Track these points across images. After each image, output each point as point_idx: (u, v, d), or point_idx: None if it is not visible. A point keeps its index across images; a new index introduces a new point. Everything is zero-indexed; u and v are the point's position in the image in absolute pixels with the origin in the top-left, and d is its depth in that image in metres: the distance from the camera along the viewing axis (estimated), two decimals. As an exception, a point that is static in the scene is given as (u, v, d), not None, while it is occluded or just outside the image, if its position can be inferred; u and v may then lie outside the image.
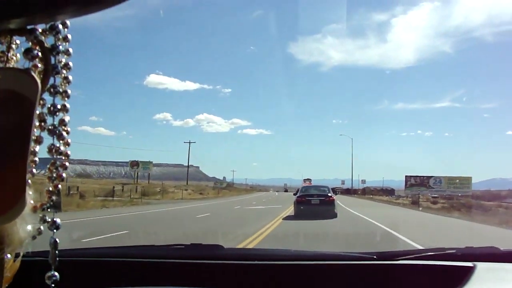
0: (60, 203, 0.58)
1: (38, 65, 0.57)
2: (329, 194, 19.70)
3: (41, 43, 0.57)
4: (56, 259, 0.57)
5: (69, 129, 0.58)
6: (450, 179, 61.54)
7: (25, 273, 0.87)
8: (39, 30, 0.56)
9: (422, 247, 3.46)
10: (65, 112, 0.59)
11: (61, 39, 0.58)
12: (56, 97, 0.58)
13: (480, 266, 1.47)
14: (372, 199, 57.08)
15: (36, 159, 0.58)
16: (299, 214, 18.48)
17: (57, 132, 0.57)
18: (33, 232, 0.55)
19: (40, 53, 0.57)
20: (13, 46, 0.57)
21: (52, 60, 0.57)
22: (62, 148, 0.58)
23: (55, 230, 0.57)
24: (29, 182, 0.53)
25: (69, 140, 0.59)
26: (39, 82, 0.54)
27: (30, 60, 0.56)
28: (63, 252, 1.51)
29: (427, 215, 25.12)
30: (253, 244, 10.00)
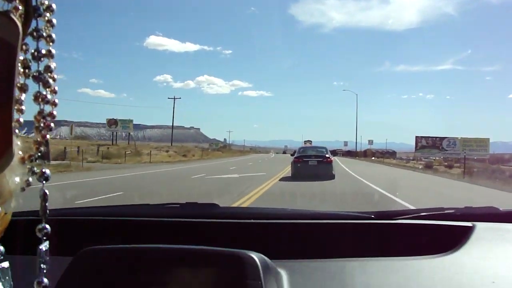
0: (49, 153, 0.54)
1: (19, 7, 0.51)
2: (327, 155, 19.11)
3: None
4: (46, 211, 0.54)
5: (55, 76, 0.55)
6: (466, 141, 54.32)
7: (17, 231, 0.88)
8: None
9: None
10: (50, 58, 0.54)
11: None
12: (39, 41, 0.53)
13: (479, 226, 1.44)
14: (383, 162, 49.50)
15: (23, 108, 0.54)
16: (297, 175, 17.91)
17: (43, 78, 0.53)
18: (22, 184, 0.53)
19: None
20: None
21: (34, 2, 0.52)
22: (49, 96, 0.53)
23: (44, 182, 0.54)
24: (16, 132, 0.50)
25: (56, 88, 0.55)
26: (20, 25, 0.49)
27: (9, 1, 0.51)
28: (54, 211, 1.56)
29: (456, 183, 20.03)
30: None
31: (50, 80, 0.53)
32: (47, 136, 0.54)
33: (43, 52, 0.53)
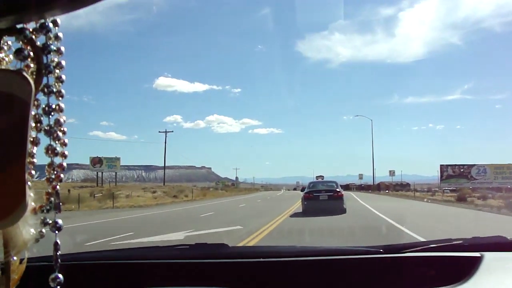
0: (59, 204, 0.56)
1: (31, 65, 0.55)
2: (337, 189, 18.58)
3: (32, 42, 0.54)
4: (58, 260, 0.55)
5: (65, 129, 0.57)
6: (497, 168, 46.34)
7: (30, 278, 0.89)
8: (30, 29, 0.54)
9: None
10: (60, 112, 0.57)
11: (52, 37, 0.56)
12: (50, 97, 0.55)
13: (488, 256, 1.42)
14: (404, 195, 41.64)
15: (35, 161, 0.56)
16: (307, 210, 17.67)
17: (53, 132, 0.55)
18: (36, 235, 0.55)
19: (31, 53, 0.54)
20: (5, 47, 0.55)
21: (44, 60, 0.55)
22: (59, 148, 0.56)
23: (56, 232, 0.55)
24: (29, 184, 0.51)
25: (66, 140, 0.57)
26: (32, 83, 0.52)
27: (21, 60, 0.54)
28: (66, 256, 1.60)
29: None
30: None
31: (60, 134, 0.55)
32: (57, 187, 0.55)
33: (53, 106, 0.55)
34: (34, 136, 0.55)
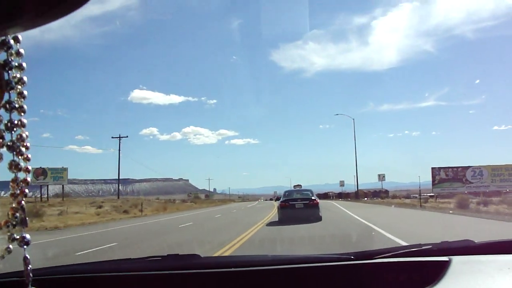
0: (26, 218, 0.56)
1: None
2: (313, 198, 18.05)
3: None
4: (29, 275, 0.55)
5: (28, 144, 0.57)
6: (495, 169, 40.62)
7: None
8: None
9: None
10: (22, 128, 0.57)
11: (13, 54, 0.56)
12: (12, 112, 0.55)
13: (456, 260, 1.45)
14: (392, 203, 35.70)
15: None
16: (283, 219, 17.24)
17: (16, 148, 0.55)
18: (2, 252, 0.54)
19: None
20: None
21: (6, 76, 0.55)
22: (22, 163, 0.56)
23: (25, 246, 0.56)
24: None
25: (29, 156, 0.58)
26: None
27: None
28: (36, 271, 1.56)
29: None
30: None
31: (23, 149, 0.56)
32: (23, 202, 0.56)
33: (16, 122, 0.55)
34: None
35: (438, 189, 40.36)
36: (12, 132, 0.55)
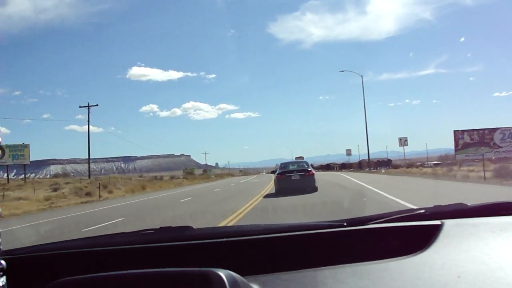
0: None
1: None
2: (309, 169, 18.17)
3: None
4: None
5: None
6: (527, 130, 33.63)
7: None
8: None
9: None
10: None
11: None
12: None
13: (448, 223, 1.44)
14: (411, 173, 29.25)
15: None
16: (280, 191, 17.34)
17: None
18: None
19: None
20: None
21: None
22: None
23: None
24: None
25: None
26: None
27: None
28: (26, 249, 1.63)
29: None
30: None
31: None
32: None
33: None
34: None
35: (461, 155, 33.89)
36: None
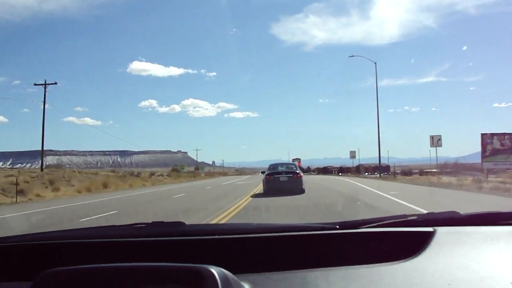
0: None
1: None
2: (297, 171, 18.82)
3: None
4: None
5: None
6: None
7: None
8: None
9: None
10: None
11: None
12: None
13: (440, 231, 1.44)
14: (428, 182, 22.95)
15: None
16: (268, 191, 17.71)
17: None
18: None
19: None
20: None
21: None
22: None
23: None
24: None
25: None
26: None
27: None
28: (18, 237, 1.62)
29: None
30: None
31: None
32: None
33: None
34: None
35: (489, 163, 27.22)
36: None
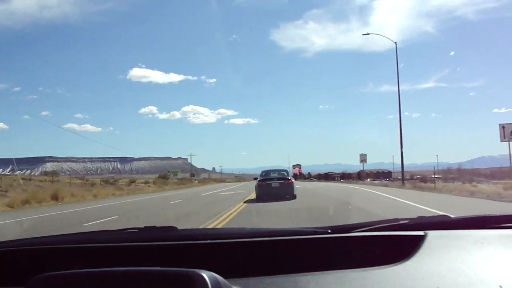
0: None
1: None
2: (288, 178, 19.30)
3: None
4: None
5: None
6: None
7: None
8: None
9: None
10: None
11: None
12: None
13: (431, 234, 1.44)
14: (451, 190, 19.01)
15: None
16: (260, 197, 18.02)
17: None
18: None
19: None
20: None
21: None
22: None
23: None
24: None
25: None
26: None
27: None
28: (9, 242, 1.62)
29: None
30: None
31: None
32: None
33: None
34: None
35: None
36: None
